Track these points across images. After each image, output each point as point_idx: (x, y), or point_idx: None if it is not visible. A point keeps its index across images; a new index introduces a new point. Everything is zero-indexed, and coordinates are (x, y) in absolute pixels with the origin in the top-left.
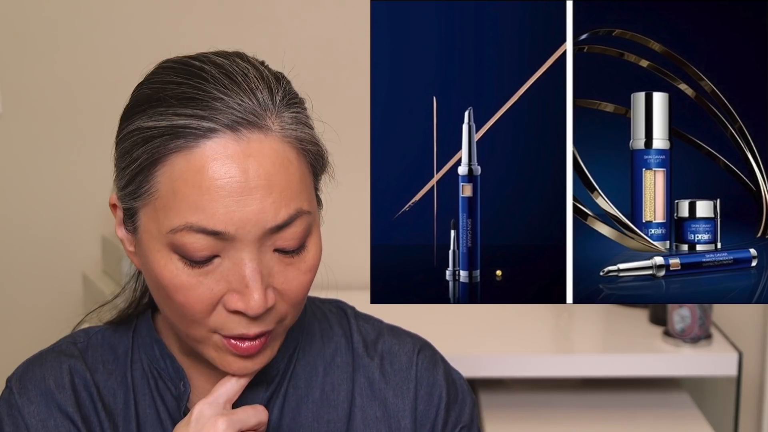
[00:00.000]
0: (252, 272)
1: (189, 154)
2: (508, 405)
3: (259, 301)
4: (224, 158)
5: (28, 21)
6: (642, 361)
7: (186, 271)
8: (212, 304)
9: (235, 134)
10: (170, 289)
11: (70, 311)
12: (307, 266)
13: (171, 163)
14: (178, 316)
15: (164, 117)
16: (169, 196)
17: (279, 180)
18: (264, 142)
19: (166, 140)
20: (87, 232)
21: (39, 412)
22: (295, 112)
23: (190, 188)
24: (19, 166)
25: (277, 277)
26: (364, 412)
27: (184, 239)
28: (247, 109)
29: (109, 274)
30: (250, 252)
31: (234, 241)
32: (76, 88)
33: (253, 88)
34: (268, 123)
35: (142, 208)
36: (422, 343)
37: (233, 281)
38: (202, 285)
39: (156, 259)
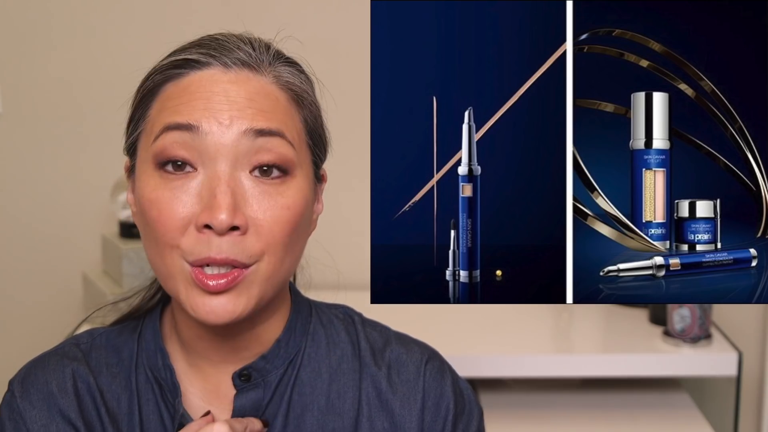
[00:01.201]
0: (223, 185)
1: (180, 80)
2: (508, 405)
3: (225, 212)
4: (210, 81)
5: (28, 21)
6: (642, 361)
7: (163, 185)
8: (184, 221)
9: (226, 68)
10: (147, 206)
11: (70, 311)
12: (285, 202)
13: (164, 91)
14: (155, 245)
15: (167, 59)
16: (156, 114)
17: (261, 103)
18: (252, 79)
19: (165, 74)
20: (87, 232)
21: (41, 417)
22: (292, 69)
23: (173, 102)
24: (19, 166)
25: (249, 203)
26: (371, 422)
27: (163, 141)
28: (243, 52)
29: (109, 274)
30: (225, 165)
31: (208, 148)
32: (77, 88)
33: (254, 44)
34: (262, 69)
35: (139, 141)
36: (430, 352)
37: (205, 197)
38: (177, 198)
39: (141, 181)
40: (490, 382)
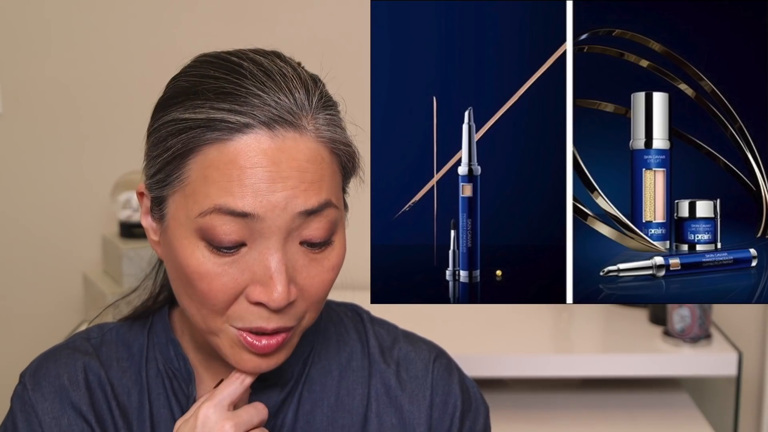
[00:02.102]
0: (277, 263)
1: (223, 146)
2: (508, 405)
3: (282, 293)
4: (257, 151)
5: (28, 21)
6: (642, 361)
7: (212, 259)
8: (235, 294)
9: (271, 131)
10: (194, 277)
11: (70, 311)
12: (331, 264)
13: (204, 153)
14: (198, 306)
15: (201, 110)
16: (200, 181)
17: (311, 173)
18: (299, 141)
19: (202, 132)
20: (87, 232)
21: (53, 410)
22: (330, 114)
23: (221, 174)
24: (19, 166)
25: (300, 272)
26: (380, 418)
27: (213, 222)
28: (283, 108)
29: (110, 274)
30: (277, 242)
31: (262, 229)
32: (77, 88)
33: (291, 87)
34: (304, 123)
35: (171, 196)
36: (438, 350)
37: (258, 272)
38: (227, 274)
39: (183, 247)
40: (490, 382)
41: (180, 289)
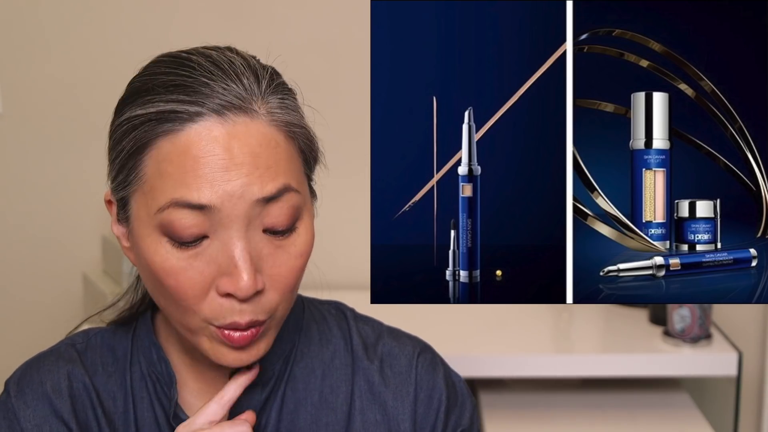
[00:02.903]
0: (240, 251)
1: (175, 137)
2: (508, 405)
3: (248, 281)
4: (209, 139)
5: (28, 21)
6: (642, 361)
7: (176, 254)
8: (203, 288)
9: (221, 117)
10: (162, 275)
11: (70, 311)
12: (298, 251)
13: (157, 147)
14: (172, 304)
15: (152, 104)
16: (156, 177)
17: (265, 158)
18: (250, 125)
19: (153, 125)
20: (87, 232)
21: (35, 417)
22: (282, 98)
23: (175, 167)
24: (19, 166)
25: (266, 261)
26: (363, 415)
27: (171, 216)
28: (232, 93)
29: (109, 274)
30: (238, 230)
31: (221, 219)
32: (76, 88)
33: (239, 73)
34: (255, 107)
35: (133, 195)
36: (422, 345)
37: (223, 263)
38: (192, 267)
39: (147, 245)
40: (490, 382)
41: (154, 291)
